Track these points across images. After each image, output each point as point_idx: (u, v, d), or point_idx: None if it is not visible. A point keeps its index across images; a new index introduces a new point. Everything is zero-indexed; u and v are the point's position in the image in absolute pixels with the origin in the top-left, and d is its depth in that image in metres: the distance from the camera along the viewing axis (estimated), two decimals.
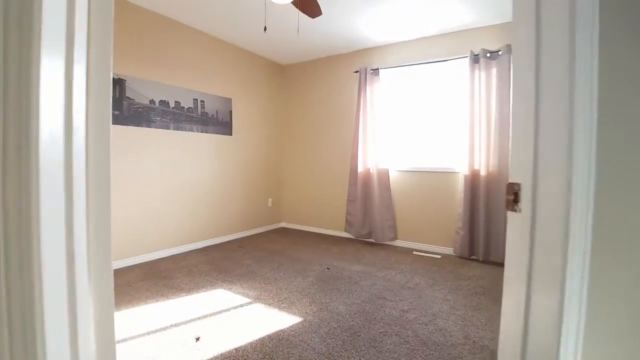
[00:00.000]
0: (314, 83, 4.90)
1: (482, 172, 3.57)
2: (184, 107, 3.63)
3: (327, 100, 4.78)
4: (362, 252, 3.92)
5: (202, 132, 3.85)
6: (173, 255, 3.59)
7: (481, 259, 3.57)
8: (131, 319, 2.20)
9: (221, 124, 4.10)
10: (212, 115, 3.97)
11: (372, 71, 4.22)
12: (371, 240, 4.36)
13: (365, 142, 4.26)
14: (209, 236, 4.04)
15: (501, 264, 3.38)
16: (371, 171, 4.22)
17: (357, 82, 4.39)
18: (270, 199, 5.01)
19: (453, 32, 3.85)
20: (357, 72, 4.40)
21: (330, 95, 4.75)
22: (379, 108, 4.17)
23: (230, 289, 2.72)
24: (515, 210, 0.87)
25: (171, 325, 2.13)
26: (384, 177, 4.17)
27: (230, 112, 4.23)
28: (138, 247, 3.31)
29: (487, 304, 2.53)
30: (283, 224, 5.30)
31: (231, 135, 4.26)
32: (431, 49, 3.98)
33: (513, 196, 0.87)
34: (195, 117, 3.77)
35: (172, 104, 3.51)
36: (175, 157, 3.59)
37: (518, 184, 0.87)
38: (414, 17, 3.50)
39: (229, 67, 4.22)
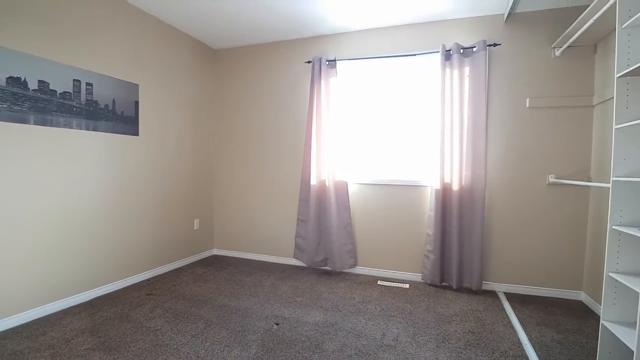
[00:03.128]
0: (256, 74, 3.92)
1: (455, 186, 3.05)
2: (55, 91, 2.40)
3: (271, 96, 3.86)
4: (319, 287, 3.09)
5: (87, 129, 2.64)
6: (34, 322, 2.30)
7: (454, 287, 3.07)
8: None
9: (121, 119, 2.92)
10: (106, 106, 2.79)
11: (327, 62, 3.43)
12: (327, 268, 3.57)
13: (320, 148, 3.45)
14: (102, 282, 2.81)
15: (476, 292, 3.02)
16: (327, 184, 3.42)
17: (310, 75, 3.56)
18: (196, 220, 3.88)
19: (424, 23, 3.27)
20: (309, 62, 3.57)
21: (275, 90, 3.84)
22: (335, 107, 3.40)
23: None
24: None
25: None
26: (342, 191, 3.41)
27: (137, 103, 3.07)
28: None
29: None
30: (215, 252, 4.21)
31: (137, 135, 3.09)
32: (398, 40, 3.35)
33: None
34: (77, 108, 2.55)
35: (32, 85, 2.27)
36: (39, 166, 2.34)
37: None
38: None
39: (137, 42, 3.05)
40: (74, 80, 2.52)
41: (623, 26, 1.78)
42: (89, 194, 2.68)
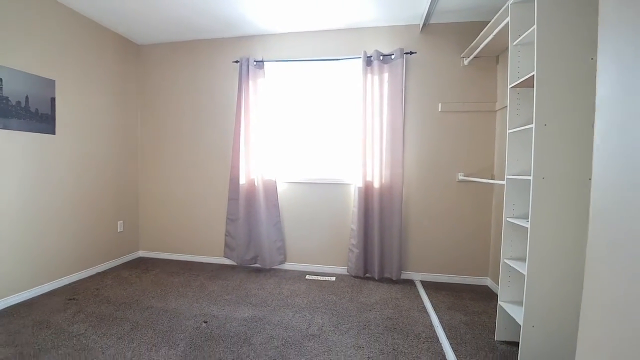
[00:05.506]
0: (182, 71, 3.85)
1: (375, 185, 3.29)
2: None
3: (199, 94, 3.81)
4: (248, 284, 3.18)
5: None
6: None
7: (376, 278, 3.32)
8: None
9: (35, 116, 2.76)
10: (19, 103, 2.62)
11: (255, 63, 3.48)
12: (257, 265, 3.66)
13: (249, 147, 3.51)
14: (17, 289, 2.66)
15: (396, 281, 3.28)
16: (256, 183, 3.50)
17: (238, 74, 3.59)
18: (120, 222, 3.75)
19: (347, 29, 3.45)
20: (237, 62, 3.60)
21: (203, 88, 3.80)
22: (264, 108, 3.48)
23: None
24: None
25: None
26: (271, 190, 3.51)
27: (53, 99, 2.91)
28: None
29: (402, 345, 2.15)
30: (140, 254, 4.08)
31: (54, 133, 2.93)
32: (323, 44, 3.50)
33: None
34: None
35: None
36: None
37: None
38: (303, 3, 2.96)
39: (52, 35, 2.87)
40: None
41: (514, 43, 2.04)
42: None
